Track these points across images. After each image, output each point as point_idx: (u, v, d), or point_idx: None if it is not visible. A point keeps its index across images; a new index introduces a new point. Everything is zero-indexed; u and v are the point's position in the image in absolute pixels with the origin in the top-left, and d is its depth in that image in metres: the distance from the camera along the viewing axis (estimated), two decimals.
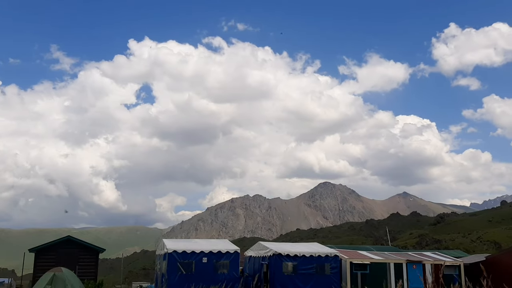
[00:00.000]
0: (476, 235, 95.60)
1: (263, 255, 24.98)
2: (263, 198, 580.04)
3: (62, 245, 29.81)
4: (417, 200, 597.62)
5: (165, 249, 23.24)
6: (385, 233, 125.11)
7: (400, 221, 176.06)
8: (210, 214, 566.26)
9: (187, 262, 22.57)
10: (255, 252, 26.87)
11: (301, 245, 29.00)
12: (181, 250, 22.75)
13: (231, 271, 23.18)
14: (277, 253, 23.47)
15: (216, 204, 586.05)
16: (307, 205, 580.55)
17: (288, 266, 23.44)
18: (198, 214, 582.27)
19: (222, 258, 23.15)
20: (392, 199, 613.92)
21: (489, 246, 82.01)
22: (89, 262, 29.89)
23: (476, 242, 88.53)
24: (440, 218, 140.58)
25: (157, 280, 25.90)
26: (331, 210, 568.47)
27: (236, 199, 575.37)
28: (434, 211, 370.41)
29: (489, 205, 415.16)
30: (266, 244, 26.44)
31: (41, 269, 25.91)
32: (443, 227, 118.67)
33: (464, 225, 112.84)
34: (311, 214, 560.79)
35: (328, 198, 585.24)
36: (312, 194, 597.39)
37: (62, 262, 26.93)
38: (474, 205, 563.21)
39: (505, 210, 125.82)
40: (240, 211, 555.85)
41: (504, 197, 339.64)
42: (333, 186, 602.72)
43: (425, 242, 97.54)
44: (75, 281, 19.32)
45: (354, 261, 24.47)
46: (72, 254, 29.22)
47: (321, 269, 23.76)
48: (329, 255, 24.28)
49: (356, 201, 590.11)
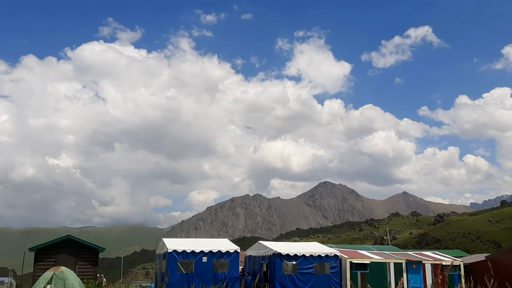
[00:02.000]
0: (476, 235, 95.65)
1: (263, 254, 24.98)
2: (263, 198, 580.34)
3: (62, 245, 29.75)
4: (417, 200, 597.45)
5: (165, 248, 23.24)
6: (385, 232, 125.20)
7: (400, 220, 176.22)
8: (210, 214, 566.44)
9: (187, 262, 22.55)
10: (255, 251, 26.87)
11: (301, 244, 28.96)
12: (181, 249, 22.75)
13: (231, 270, 23.16)
14: (277, 252, 23.46)
15: (216, 204, 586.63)
16: (307, 204, 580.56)
17: (288, 265, 23.42)
18: (198, 214, 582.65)
19: (222, 258, 23.12)
20: (392, 198, 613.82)
21: (489, 246, 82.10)
22: (89, 261, 29.87)
23: (476, 242, 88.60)
24: (440, 218, 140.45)
25: (157, 280, 25.90)
26: (331, 209, 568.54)
27: (236, 198, 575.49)
28: (434, 211, 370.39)
29: (489, 205, 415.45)
30: (266, 244, 26.41)
31: (41, 268, 25.88)
32: (443, 227, 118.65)
33: (464, 225, 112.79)
34: (311, 214, 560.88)
35: (328, 198, 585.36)
36: (312, 194, 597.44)
37: (62, 261, 26.90)
38: (474, 205, 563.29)
39: (505, 210, 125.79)
40: (240, 210, 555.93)
41: (504, 197, 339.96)
42: (333, 185, 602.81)
43: (425, 242, 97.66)
44: (74, 280, 19.30)
45: (354, 260, 24.45)
46: (72, 253, 29.21)
47: (321, 268, 23.75)
48: (329, 254, 24.27)
49: (356, 200, 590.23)
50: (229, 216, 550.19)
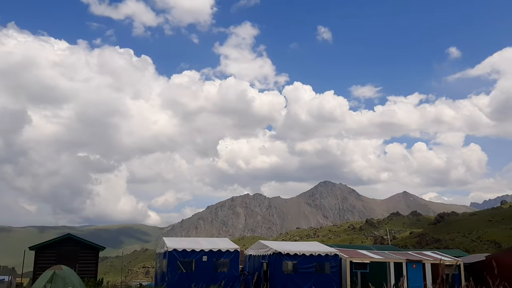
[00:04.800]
0: (476, 234, 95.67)
1: (263, 253, 24.99)
2: (263, 197, 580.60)
3: (62, 243, 29.73)
4: (417, 200, 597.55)
5: (165, 247, 23.26)
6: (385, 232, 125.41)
7: (400, 220, 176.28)
8: (211, 213, 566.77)
9: (187, 261, 22.58)
10: (255, 250, 26.88)
11: (301, 244, 28.99)
12: (181, 248, 22.77)
13: (231, 269, 23.19)
14: (277, 252, 23.47)
15: (216, 203, 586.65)
16: (307, 204, 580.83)
17: (288, 265, 23.45)
18: (199, 213, 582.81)
19: (222, 257, 23.16)
20: (392, 198, 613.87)
21: (489, 246, 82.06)
22: (89, 260, 29.87)
23: (476, 242, 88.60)
24: (440, 217, 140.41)
25: (157, 279, 25.92)
26: (331, 209, 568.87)
27: (236, 197, 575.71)
28: (434, 211, 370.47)
29: (489, 204, 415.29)
30: (266, 243, 26.43)
31: (41, 267, 25.84)
32: (443, 227, 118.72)
33: (464, 225, 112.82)
34: (311, 213, 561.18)
35: (328, 197, 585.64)
36: (312, 193, 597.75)
37: (62, 260, 26.88)
38: (474, 205, 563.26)
39: (505, 210, 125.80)
40: (240, 209, 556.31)
41: (504, 197, 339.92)
42: (333, 185, 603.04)
43: (425, 242, 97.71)
44: (75, 279, 19.32)
45: (354, 260, 24.46)
46: (72, 252, 29.17)
47: (321, 268, 23.77)
48: (329, 254, 24.29)
49: (356, 200, 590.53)
50: (229, 215, 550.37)
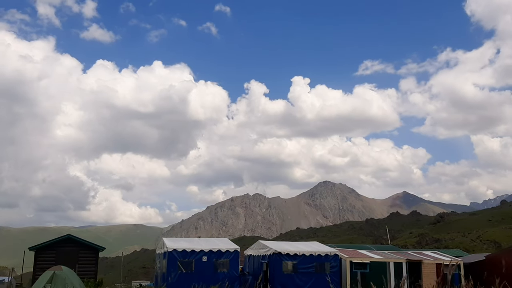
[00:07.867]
0: (476, 234, 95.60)
1: (263, 254, 24.98)
2: (263, 197, 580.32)
3: (62, 244, 29.71)
4: (417, 199, 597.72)
5: (165, 247, 23.25)
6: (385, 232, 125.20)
7: (400, 220, 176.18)
8: (210, 213, 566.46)
9: (187, 261, 22.58)
10: (255, 251, 26.87)
11: (301, 244, 28.97)
12: (181, 249, 22.76)
13: (231, 270, 23.18)
14: (277, 252, 23.46)
15: (216, 203, 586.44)
16: (307, 204, 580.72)
17: (288, 265, 23.44)
18: (198, 213, 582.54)
19: (222, 257, 23.16)
20: (392, 198, 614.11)
21: (489, 246, 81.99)
22: (89, 260, 29.84)
23: (476, 242, 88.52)
24: (440, 217, 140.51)
25: (157, 279, 25.91)
26: (331, 209, 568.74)
27: (236, 198, 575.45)
28: (434, 210, 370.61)
29: (489, 204, 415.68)
30: (266, 243, 26.43)
31: (41, 268, 25.83)
32: (443, 226, 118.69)
33: (464, 225, 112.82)
34: (311, 213, 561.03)
35: (328, 197, 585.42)
36: (312, 193, 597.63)
37: (62, 260, 26.85)
38: (474, 205, 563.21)
39: (505, 210, 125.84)
40: (240, 210, 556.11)
41: (504, 197, 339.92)
42: (333, 185, 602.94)
43: (425, 241, 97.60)
44: (75, 280, 19.29)
45: (354, 260, 24.46)
46: (72, 252, 29.15)
47: (321, 268, 23.77)
48: (329, 254, 24.29)
49: (356, 200, 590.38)
50: (229, 215, 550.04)
